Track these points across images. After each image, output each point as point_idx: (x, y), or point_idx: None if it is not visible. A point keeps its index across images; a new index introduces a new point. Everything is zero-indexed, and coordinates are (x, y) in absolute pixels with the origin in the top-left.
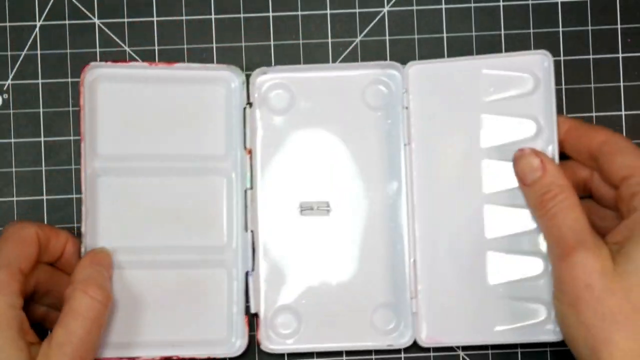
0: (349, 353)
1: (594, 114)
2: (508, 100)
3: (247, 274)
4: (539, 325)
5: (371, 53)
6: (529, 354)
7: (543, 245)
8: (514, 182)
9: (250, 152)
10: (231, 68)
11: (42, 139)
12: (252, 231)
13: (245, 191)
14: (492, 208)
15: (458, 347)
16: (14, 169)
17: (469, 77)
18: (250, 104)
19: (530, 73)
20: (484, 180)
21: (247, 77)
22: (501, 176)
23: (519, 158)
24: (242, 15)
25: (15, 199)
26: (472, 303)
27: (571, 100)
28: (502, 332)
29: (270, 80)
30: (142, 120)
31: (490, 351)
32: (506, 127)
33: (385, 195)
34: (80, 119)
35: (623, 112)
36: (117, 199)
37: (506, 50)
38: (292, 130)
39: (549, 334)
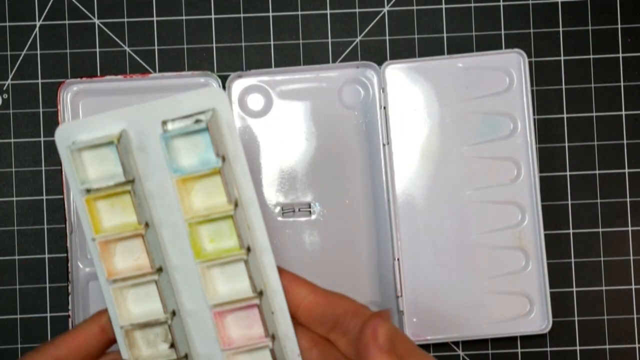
0: None
1: (594, 114)
2: (484, 98)
3: None
4: (523, 317)
5: (371, 53)
6: (528, 355)
7: (525, 240)
8: (493, 179)
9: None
10: (206, 74)
11: (42, 139)
12: None
13: None
14: (473, 205)
15: (458, 347)
16: (13, 169)
17: (444, 76)
18: None
19: (504, 71)
20: (464, 178)
21: (223, 82)
22: (481, 173)
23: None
24: (242, 15)
25: (15, 199)
26: (456, 299)
27: (571, 100)
28: (488, 326)
29: (246, 84)
30: None
31: (490, 351)
32: (484, 125)
33: (366, 194)
34: None
35: (623, 112)
36: None
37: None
38: (270, 132)
39: (534, 325)
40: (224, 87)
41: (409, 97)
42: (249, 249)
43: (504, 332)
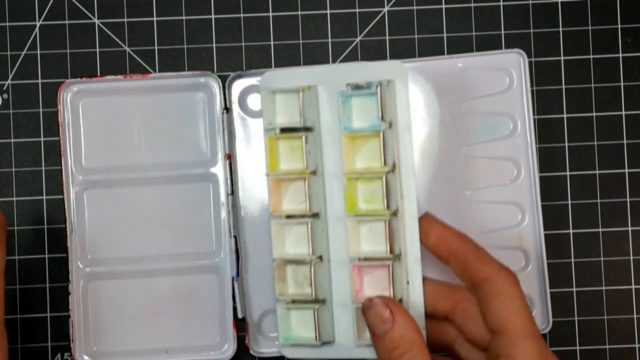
0: None
1: (594, 114)
2: (484, 98)
3: (232, 279)
4: None
5: (371, 53)
6: None
7: (525, 240)
8: (494, 179)
9: (229, 157)
10: (206, 74)
11: (42, 138)
12: (235, 236)
13: (228, 197)
14: (473, 205)
15: None
16: (13, 169)
17: (444, 77)
18: (227, 109)
19: (504, 71)
20: (464, 178)
21: (223, 82)
22: (481, 173)
23: (368, 308)
24: (242, 15)
25: (15, 199)
26: None
27: (571, 100)
28: None
29: (246, 84)
30: (124, 131)
31: None
32: (483, 125)
33: None
34: (60, 135)
35: (623, 112)
36: (104, 210)
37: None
38: None
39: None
40: (224, 87)
41: (410, 97)
42: (395, 213)
43: None
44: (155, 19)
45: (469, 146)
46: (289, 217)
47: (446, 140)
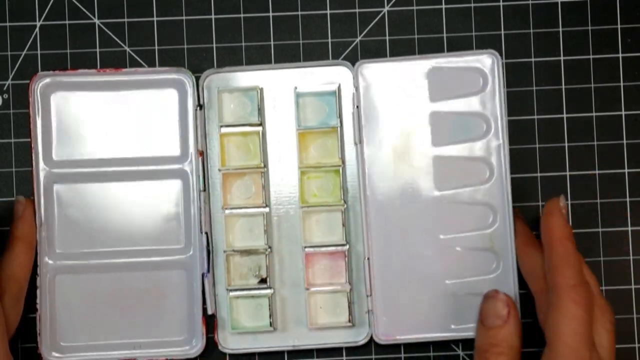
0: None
1: (594, 114)
2: (457, 98)
3: (202, 275)
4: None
5: (371, 53)
6: (528, 355)
7: (496, 242)
8: (466, 180)
9: (202, 154)
10: (180, 70)
11: None
12: (206, 233)
13: (200, 193)
14: (445, 206)
15: (458, 347)
16: (14, 169)
17: (418, 76)
18: (200, 106)
19: (478, 72)
20: (437, 178)
21: (197, 79)
22: (453, 174)
23: (490, 298)
24: (242, 15)
25: (15, 199)
26: (427, 300)
27: (571, 100)
28: (458, 328)
29: (220, 81)
30: (96, 126)
31: None
32: (457, 125)
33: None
34: (30, 128)
35: (623, 112)
36: (73, 204)
37: (506, 50)
38: None
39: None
40: (197, 84)
41: (383, 97)
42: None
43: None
44: (155, 19)
45: (441, 147)
46: (241, 207)
47: (419, 140)
